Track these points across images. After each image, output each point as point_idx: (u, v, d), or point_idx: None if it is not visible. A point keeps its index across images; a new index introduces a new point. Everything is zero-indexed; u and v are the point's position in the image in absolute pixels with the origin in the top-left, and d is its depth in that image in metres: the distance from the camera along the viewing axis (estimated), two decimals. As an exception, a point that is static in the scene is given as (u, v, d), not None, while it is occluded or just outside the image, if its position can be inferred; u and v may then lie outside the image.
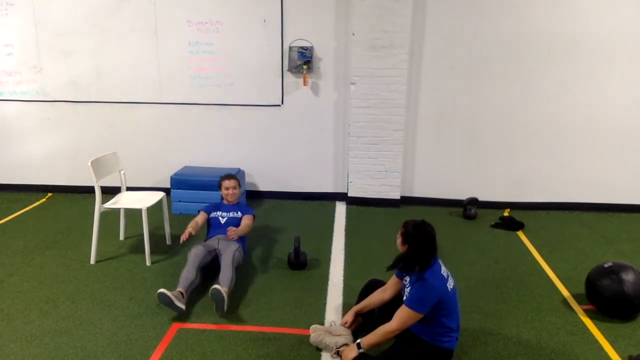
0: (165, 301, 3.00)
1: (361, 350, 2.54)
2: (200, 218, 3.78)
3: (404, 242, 2.55)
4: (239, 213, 3.88)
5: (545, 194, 5.09)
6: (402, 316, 2.47)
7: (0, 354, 2.69)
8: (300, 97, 5.03)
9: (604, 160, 4.95)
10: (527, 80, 4.79)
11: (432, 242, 2.51)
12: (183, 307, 3.04)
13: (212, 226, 3.84)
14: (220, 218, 3.83)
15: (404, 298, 2.57)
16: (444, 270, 2.53)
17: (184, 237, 3.46)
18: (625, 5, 4.54)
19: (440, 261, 2.56)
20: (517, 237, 4.41)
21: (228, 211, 3.87)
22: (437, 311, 2.45)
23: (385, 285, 2.82)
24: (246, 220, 3.80)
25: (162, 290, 3.01)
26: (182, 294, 3.12)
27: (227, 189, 3.91)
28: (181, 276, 3.24)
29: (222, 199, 3.99)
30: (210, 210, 3.88)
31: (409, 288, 2.54)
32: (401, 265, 2.62)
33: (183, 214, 4.78)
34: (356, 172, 5.05)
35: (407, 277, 2.64)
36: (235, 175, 4.05)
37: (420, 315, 2.44)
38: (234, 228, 3.61)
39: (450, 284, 2.52)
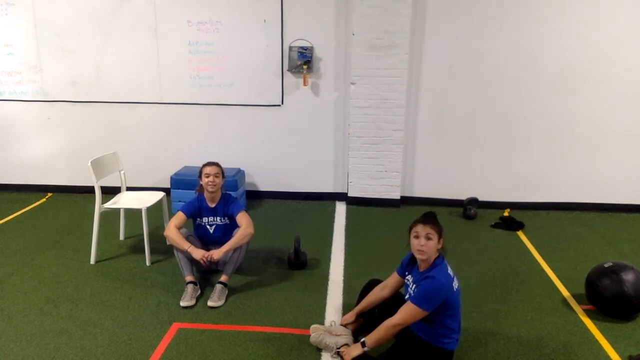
0: (192, 306, 3.19)
1: (365, 349, 2.54)
2: (181, 223, 3.44)
3: (440, 237, 2.50)
4: (226, 218, 3.53)
5: (545, 194, 5.09)
6: (407, 312, 2.45)
7: (0, 354, 2.69)
8: (300, 97, 5.03)
9: (604, 160, 4.95)
10: (526, 80, 4.79)
11: None
12: (199, 291, 3.32)
13: (200, 237, 3.54)
14: (208, 227, 3.54)
15: (407, 296, 2.57)
16: (450, 270, 2.53)
17: (210, 260, 3.26)
18: (625, 5, 4.54)
19: (446, 261, 2.56)
20: (517, 237, 4.41)
21: (214, 215, 3.53)
22: (441, 311, 2.45)
23: (385, 282, 2.82)
24: (240, 229, 3.39)
25: (183, 304, 3.18)
26: (193, 283, 3.30)
27: (208, 176, 3.42)
28: (181, 265, 3.35)
29: (201, 194, 3.55)
30: (191, 214, 3.53)
31: (414, 286, 2.54)
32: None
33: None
34: (356, 172, 5.05)
35: (409, 275, 2.64)
36: (219, 164, 3.54)
37: (425, 313, 2.42)
38: (223, 251, 3.30)
39: (455, 284, 2.51)
